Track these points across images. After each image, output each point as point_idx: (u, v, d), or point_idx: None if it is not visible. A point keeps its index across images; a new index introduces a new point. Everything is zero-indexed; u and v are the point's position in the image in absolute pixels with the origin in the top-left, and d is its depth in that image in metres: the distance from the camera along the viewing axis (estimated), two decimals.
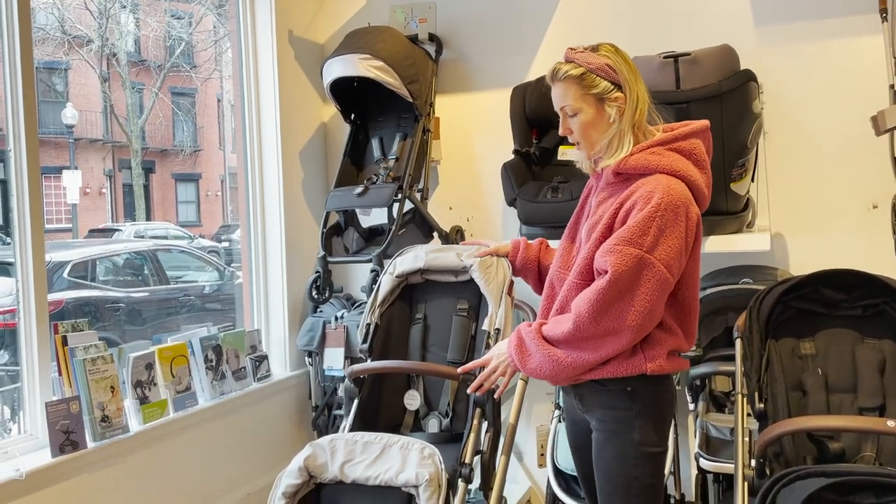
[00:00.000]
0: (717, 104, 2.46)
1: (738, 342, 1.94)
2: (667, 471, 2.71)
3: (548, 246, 2.11)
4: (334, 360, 3.42)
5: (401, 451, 1.72)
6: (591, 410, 1.76)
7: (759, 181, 2.91)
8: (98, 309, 5.96)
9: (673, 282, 1.64)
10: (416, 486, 1.66)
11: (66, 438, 2.38)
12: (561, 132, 1.79)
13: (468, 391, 1.84)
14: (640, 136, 1.76)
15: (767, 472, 1.67)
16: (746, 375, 1.80)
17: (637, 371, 1.67)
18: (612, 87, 1.73)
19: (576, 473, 2.72)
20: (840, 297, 1.80)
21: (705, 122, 1.82)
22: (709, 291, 2.84)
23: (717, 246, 2.67)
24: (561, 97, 1.77)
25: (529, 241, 2.13)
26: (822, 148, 2.92)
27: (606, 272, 1.62)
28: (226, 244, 14.35)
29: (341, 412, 3.40)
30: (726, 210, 2.63)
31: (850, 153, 2.88)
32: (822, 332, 1.81)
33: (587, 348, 1.65)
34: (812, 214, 2.95)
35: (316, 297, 3.40)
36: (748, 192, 2.72)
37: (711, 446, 2.62)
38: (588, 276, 1.71)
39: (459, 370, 1.88)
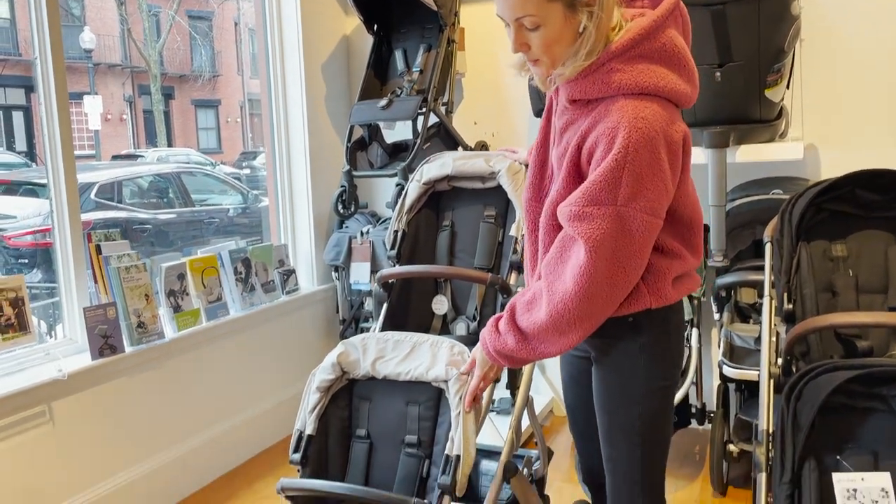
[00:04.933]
0: (754, 5, 2.37)
1: (767, 247, 1.93)
2: (688, 381, 2.76)
3: None
4: (360, 274, 3.47)
5: (431, 349, 1.76)
6: (589, 339, 1.53)
7: (794, 89, 2.83)
8: (126, 230, 6.05)
9: (661, 221, 1.39)
10: (445, 381, 1.71)
11: (104, 342, 2.46)
12: (514, 49, 1.41)
13: (465, 408, 1.66)
14: (611, 36, 1.38)
15: (794, 370, 1.69)
16: (776, 277, 1.80)
17: (640, 308, 1.46)
18: None
19: None
20: (875, 199, 1.78)
21: None
22: (738, 202, 2.81)
23: (748, 156, 2.63)
24: (516, 5, 1.35)
25: None
26: (859, 56, 2.82)
27: (577, 239, 1.37)
28: (247, 171, 14.39)
29: (368, 325, 3.47)
30: (759, 118, 2.57)
31: (888, 62, 2.79)
32: (855, 234, 1.80)
33: (582, 326, 1.41)
34: (846, 125, 2.88)
35: (342, 211, 3.41)
36: (783, 99, 2.65)
37: (735, 355, 2.65)
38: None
39: (463, 371, 1.70)
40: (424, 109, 3.12)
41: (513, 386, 1.96)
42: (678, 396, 2.71)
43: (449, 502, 1.60)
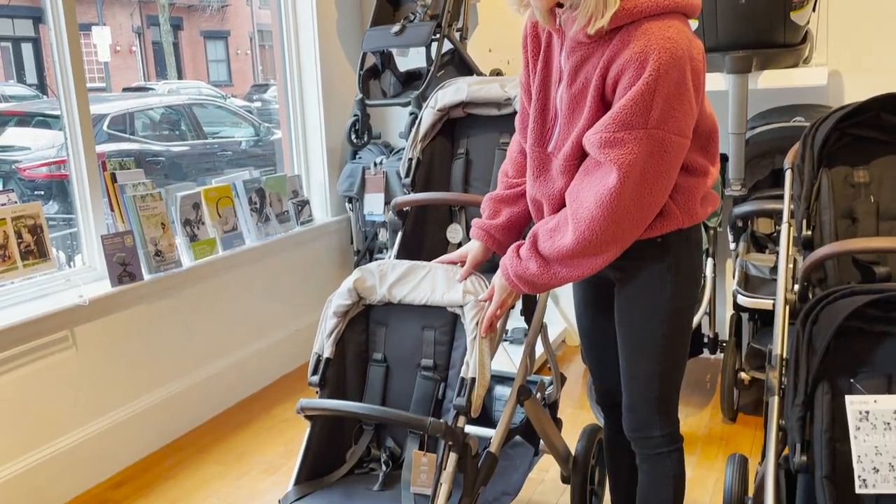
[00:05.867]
0: None
1: (787, 173, 1.90)
2: (701, 312, 2.77)
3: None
4: (374, 205, 3.47)
5: (446, 275, 1.76)
6: (613, 263, 1.48)
7: (819, 13, 2.74)
8: (139, 162, 6.05)
9: (689, 142, 1.40)
10: (461, 307, 1.72)
11: (123, 270, 2.49)
12: None
13: (482, 333, 1.65)
14: None
15: (810, 296, 1.68)
16: (795, 203, 1.77)
17: (672, 228, 1.48)
18: None
19: None
20: None
21: None
22: (758, 130, 2.76)
23: (771, 81, 2.56)
24: None
25: (488, 223, 1.74)
26: None
27: (605, 164, 1.36)
28: (258, 104, 14.25)
29: (383, 256, 3.49)
30: (783, 42, 2.49)
31: None
32: (878, 160, 1.76)
33: (609, 249, 1.42)
34: (872, 50, 2.79)
35: (355, 141, 3.39)
36: (808, 23, 2.56)
37: (750, 284, 2.65)
38: (579, 155, 1.46)
39: (482, 298, 1.68)
40: (438, 35, 3.06)
41: (527, 312, 1.97)
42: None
43: (464, 423, 1.63)
